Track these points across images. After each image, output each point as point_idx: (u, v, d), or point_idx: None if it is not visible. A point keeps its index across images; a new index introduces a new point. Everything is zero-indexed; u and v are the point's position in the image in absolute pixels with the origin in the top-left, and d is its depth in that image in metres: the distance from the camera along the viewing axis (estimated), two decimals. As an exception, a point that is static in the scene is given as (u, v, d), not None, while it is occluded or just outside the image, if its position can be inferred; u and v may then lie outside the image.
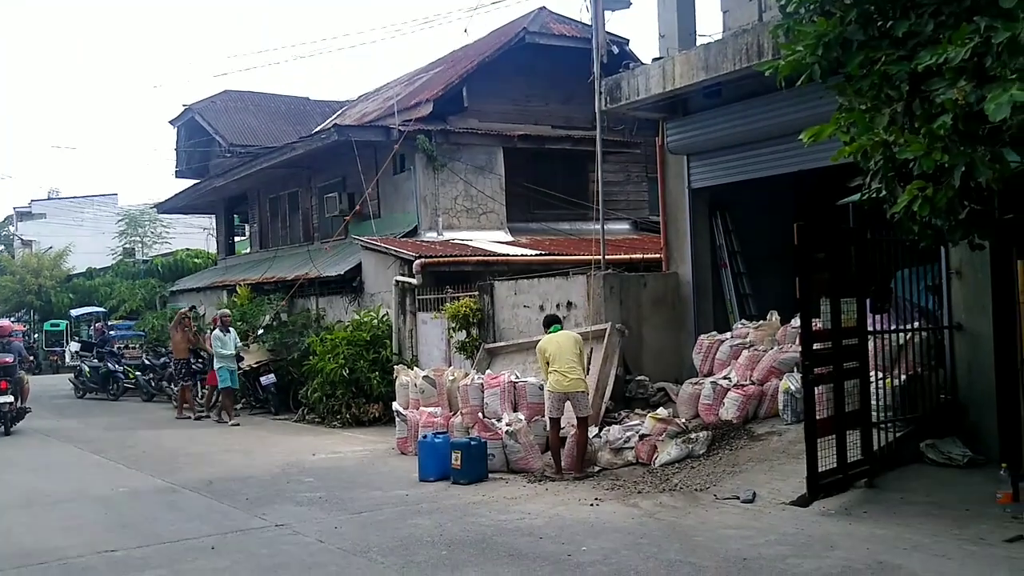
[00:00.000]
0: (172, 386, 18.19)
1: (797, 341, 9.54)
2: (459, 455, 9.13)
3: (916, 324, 8.83)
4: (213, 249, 30.73)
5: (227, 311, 16.54)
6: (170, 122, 27.08)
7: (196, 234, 36.75)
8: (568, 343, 9.36)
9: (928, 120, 4.91)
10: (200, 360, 16.84)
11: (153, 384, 19.54)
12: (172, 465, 10.98)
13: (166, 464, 11.08)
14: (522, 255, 15.77)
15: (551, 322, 9.86)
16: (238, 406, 16.34)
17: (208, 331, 16.70)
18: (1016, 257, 6.79)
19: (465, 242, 16.77)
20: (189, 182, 26.62)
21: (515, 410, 10.46)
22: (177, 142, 27.49)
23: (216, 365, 15.37)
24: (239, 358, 15.73)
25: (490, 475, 9.24)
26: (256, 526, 7.64)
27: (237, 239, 29.11)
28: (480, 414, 10.44)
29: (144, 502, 8.89)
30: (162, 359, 19.68)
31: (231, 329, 15.70)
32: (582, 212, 18.48)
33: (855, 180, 6.40)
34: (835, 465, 7.49)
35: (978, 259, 7.88)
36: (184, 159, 27.56)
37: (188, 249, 31.80)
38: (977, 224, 5.95)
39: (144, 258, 32.96)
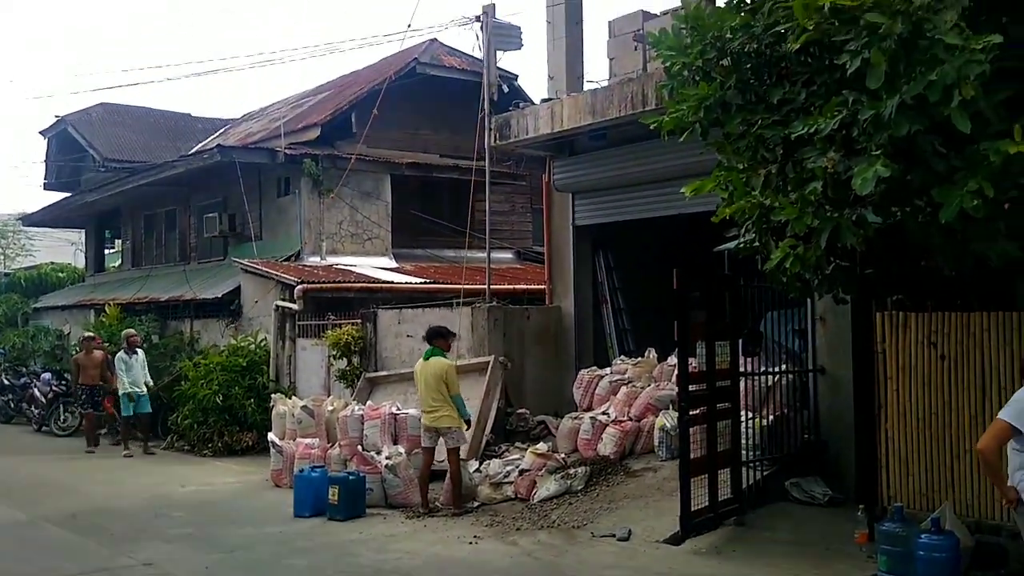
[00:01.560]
0: (33, 408, 17.25)
1: (673, 379, 9.86)
2: (336, 490, 9.01)
3: (784, 366, 9.25)
4: (81, 264, 29.41)
5: (133, 331, 15.27)
6: (40, 133, 25.84)
7: (63, 248, 35.08)
8: (431, 378, 9.31)
9: (800, 185, 5.21)
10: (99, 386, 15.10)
11: (12, 406, 18.49)
12: (31, 496, 10.45)
13: (25, 495, 10.53)
14: (406, 282, 15.74)
15: (431, 338, 9.75)
16: (102, 431, 15.61)
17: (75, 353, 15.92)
18: (875, 309, 7.23)
19: (349, 268, 16.62)
20: (59, 195, 25.45)
21: (395, 443, 10.42)
22: (47, 154, 26.26)
23: (120, 391, 14.13)
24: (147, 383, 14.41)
25: (368, 510, 9.15)
26: (122, 564, 7.36)
27: (108, 251, 27.95)
28: (359, 447, 10.35)
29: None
30: (23, 379, 18.67)
31: (139, 350, 14.52)
32: (467, 240, 18.57)
33: (731, 231, 6.72)
34: (707, 504, 7.75)
35: (840, 307, 8.34)
36: (54, 171, 26.34)
37: (53, 263, 30.29)
38: (842, 279, 6.33)
39: (6, 271, 31.24)
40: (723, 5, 6.28)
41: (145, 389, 14.26)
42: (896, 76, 4.54)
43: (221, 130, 25.49)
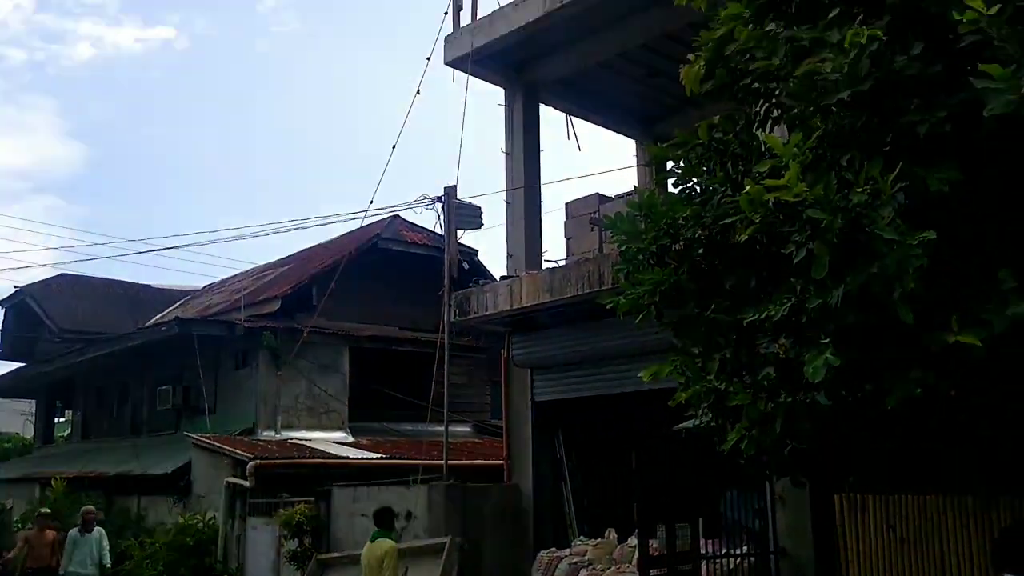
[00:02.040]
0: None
1: (634, 561, 9.64)
2: None
3: (744, 549, 9.12)
4: (30, 434, 28.54)
5: (91, 507, 14.21)
6: (-1, 303, 25.71)
7: (12, 417, 34.13)
8: (373, 560, 9.07)
9: (753, 370, 5.32)
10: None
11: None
12: None
13: None
14: (362, 458, 15.45)
15: (379, 519, 9.48)
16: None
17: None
18: (834, 491, 7.22)
19: (304, 442, 16.33)
20: (11, 365, 25.04)
21: (347, 630, 9.94)
22: (3, 324, 26.00)
23: (60, 571, 13.14)
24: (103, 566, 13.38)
25: None
26: None
27: (58, 420, 27.22)
28: (309, 635, 9.87)
29: None
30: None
31: (96, 529, 13.55)
32: (425, 413, 18.42)
33: (689, 411, 6.76)
34: None
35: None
36: (9, 342, 25.99)
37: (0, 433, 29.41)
38: (799, 462, 6.35)
39: (-52, 442, 30.24)
40: (674, 193, 6.58)
41: (96, 571, 13.29)
42: (840, 267, 4.73)
43: (181, 301, 25.53)
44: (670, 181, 6.81)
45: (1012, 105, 4.16)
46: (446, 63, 13.02)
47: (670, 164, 6.82)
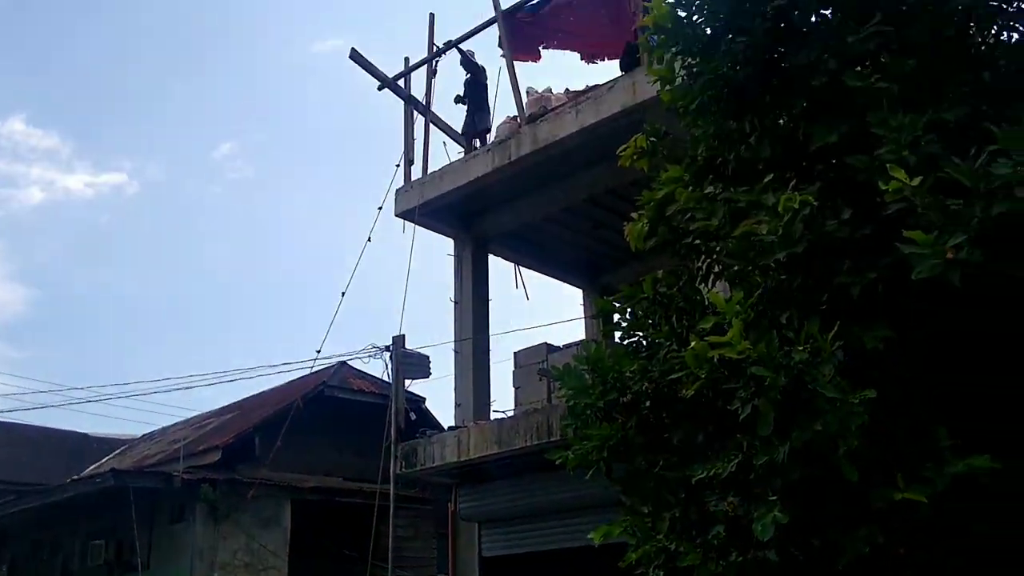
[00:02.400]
0: None
1: None
2: None
3: None
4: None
5: None
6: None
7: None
8: None
9: (703, 529, 5.26)
10: None
11: None
12: None
13: None
14: (302, 619, 14.75)
15: None
16: None
17: None
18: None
19: (241, 603, 15.58)
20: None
21: None
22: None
23: None
24: None
25: None
26: None
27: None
28: None
29: None
30: None
31: None
32: (369, 568, 17.77)
33: (639, 569, 6.62)
34: None
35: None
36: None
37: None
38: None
39: None
40: (621, 346, 6.65)
41: None
42: (785, 424, 4.78)
43: (118, 451, 24.73)
44: (617, 334, 6.91)
45: (937, 269, 4.34)
46: (397, 215, 13.29)
47: (616, 317, 6.93)
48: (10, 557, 21.95)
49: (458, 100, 13.81)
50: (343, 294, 13.53)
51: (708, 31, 6.06)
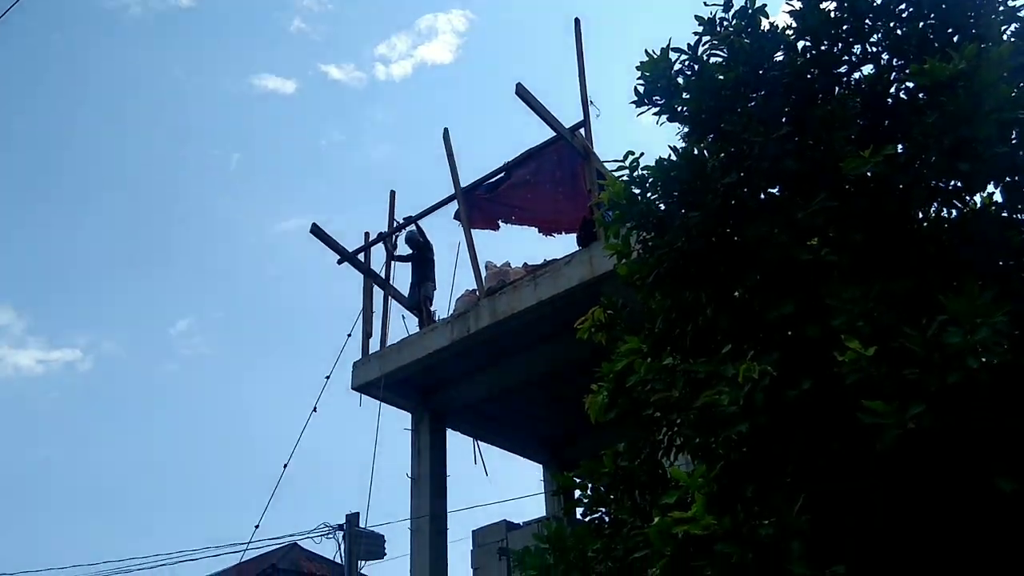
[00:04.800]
0: None
1: None
2: None
3: None
4: None
5: None
6: None
7: None
8: None
9: None
10: None
11: None
12: None
13: None
14: None
15: None
16: None
17: None
18: None
19: None
20: None
21: None
22: None
23: None
24: None
25: None
26: None
27: None
28: None
29: None
30: None
31: None
32: None
33: None
34: None
35: None
36: None
37: None
38: None
39: None
40: (583, 522, 6.44)
41: None
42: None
43: None
44: (579, 510, 6.70)
45: (899, 440, 4.32)
46: (353, 388, 13.11)
47: (577, 492, 6.75)
48: None
49: (399, 259, 14.15)
50: (285, 465, 13.08)
51: (662, 207, 6.22)
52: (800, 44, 6.05)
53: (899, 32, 5.91)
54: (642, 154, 6.25)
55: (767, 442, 5.20)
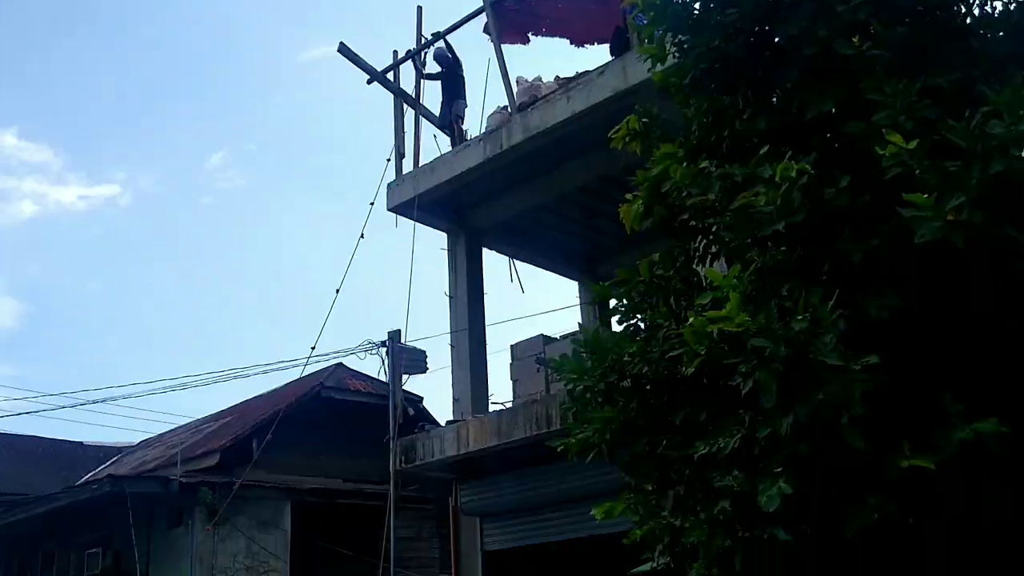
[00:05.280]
0: None
1: None
2: None
3: None
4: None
5: None
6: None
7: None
8: None
9: (708, 505, 5.20)
10: None
11: None
12: None
13: None
14: (305, 620, 14.66)
15: None
16: None
17: None
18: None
19: (242, 606, 15.48)
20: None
21: None
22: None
23: None
24: None
25: None
26: None
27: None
28: None
29: None
30: None
31: None
32: (373, 568, 17.69)
33: (645, 554, 6.55)
34: None
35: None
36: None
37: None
38: (760, 601, 6.14)
39: None
40: (619, 330, 6.58)
41: None
42: (788, 396, 4.72)
43: (114, 458, 24.58)
44: (614, 319, 6.83)
45: (939, 232, 4.30)
46: (389, 209, 13.20)
47: (613, 302, 6.85)
48: (2, 572, 21.80)
49: (428, 77, 13.86)
50: (337, 291, 13.45)
51: (697, 7, 6.01)
52: None
53: None
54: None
55: (804, 242, 5.21)
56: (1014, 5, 5.47)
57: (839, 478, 4.77)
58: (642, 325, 6.47)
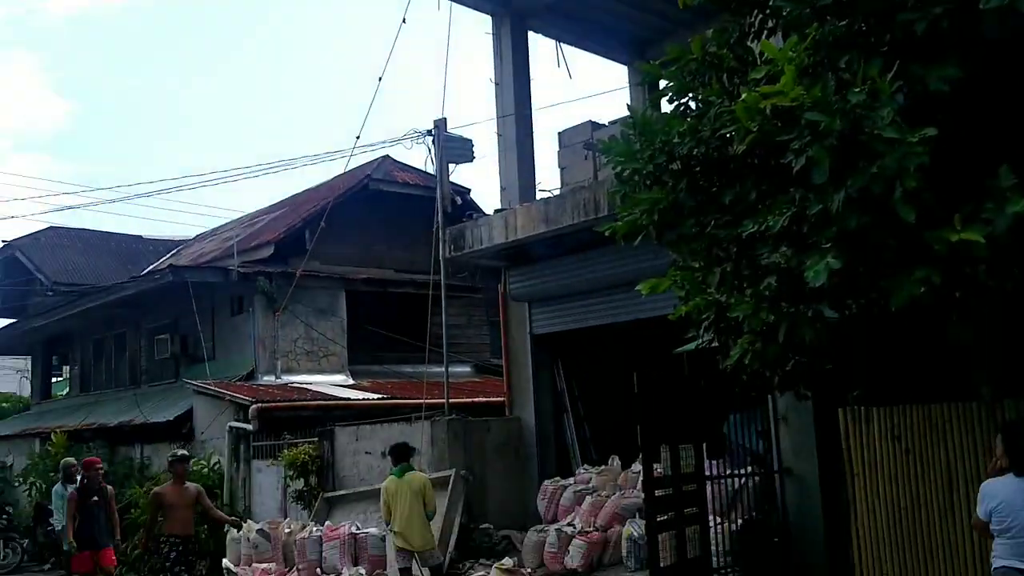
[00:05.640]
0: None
1: (639, 486, 9.71)
2: (295, 617, 8.62)
3: (749, 469, 9.16)
4: (27, 392, 28.59)
5: (72, 460, 14.23)
6: (-15, 259, 25.47)
7: (7, 376, 34.15)
8: (409, 495, 8.98)
9: (755, 281, 5.25)
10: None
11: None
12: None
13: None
14: (364, 399, 15.49)
15: (400, 455, 9.37)
16: (45, 567, 14.99)
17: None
18: (837, 405, 7.22)
19: (305, 386, 16.35)
20: (3, 321, 24.98)
21: (356, 563, 10.05)
22: (-7, 280, 25.83)
23: (58, 527, 13.45)
24: None
25: (329, 637, 8.74)
26: None
27: (55, 380, 27.21)
28: (318, 569, 9.96)
29: None
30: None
31: (78, 478, 13.81)
32: (424, 355, 18.45)
33: (690, 331, 6.71)
34: (679, 614, 7.52)
35: (803, 405, 8.33)
36: (0, 297, 25.89)
37: (-3, 392, 29.42)
38: (802, 376, 6.33)
39: (-55, 403, 30.18)
40: (670, 111, 6.43)
41: None
42: (840, 170, 4.64)
43: (173, 251, 25.37)
44: (664, 100, 6.66)
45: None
46: (430, -10, 12.74)
47: (663, 83, 6.66)
48: (79, 357, 23.12)
49: None
50: (380, 79, 13.24)
51: None
52: None
53: None
54: None
55: (863, 12, 4.96)
56: None
57: (887, 253, 4.76)
58: (693, 105, 6.32)
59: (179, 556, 8.93)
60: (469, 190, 18.79)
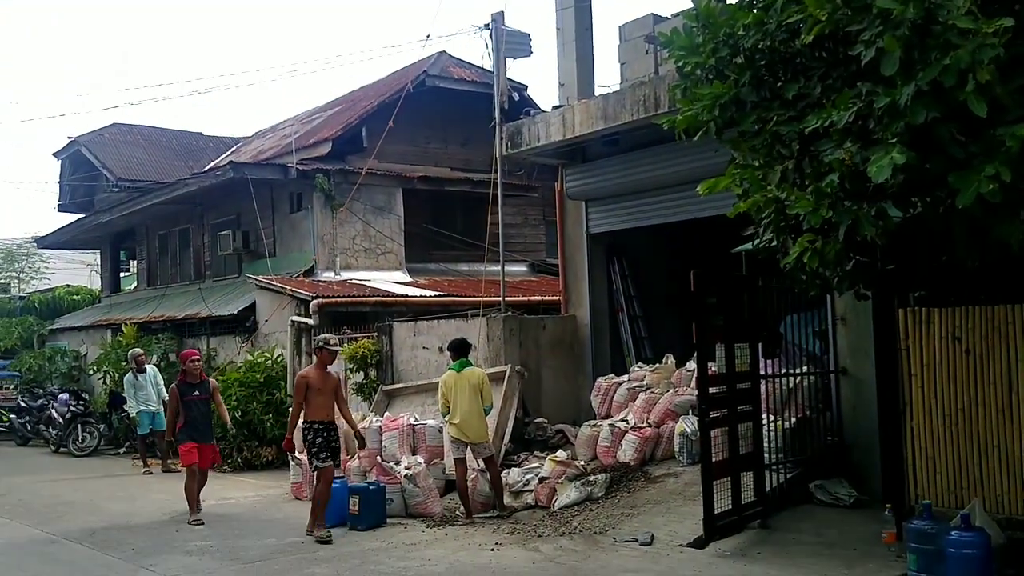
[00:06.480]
0: (50, 429, 17.24)
1: (692, 384, 9.80)
2: (357, 500, 8.98)
3: (804, 368, 9.16)
4: (97, 286, 29.54)
5: (140, 350, 15.29)
6: (54, 154, 25.99)
7: (79, 270, 35.25)
8: (467, 389, 9.22)
9: (817, 178, 5.16)
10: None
11: (29, 428, 18.51)
12: (51, 514, 10.43)
13: (44, 513, 10.52)
14: (421, 296, 15.72)
15: (459, 350, 9.59)
16: (120, 450, 15.84)
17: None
18: (897, 306, 7.15)
19: (363, 282, 16.63)
20: (72, 216, 25.65)
21: (414, 453, 10.38)
22: (61, 175, 26.40)
23: (132, 412, 14.67)
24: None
25: (388, 520, 9.11)
26: (144, 578, 7.34)
27: (123, 275, 28.05)
28: (378, 458, 10.31)
29: (20, 555, 8.40)
30: (39, 400, 18.68)
31: (147, 368, 14.88)
32: (480, 253, 18.50)
33: (748, 230, 6.65)
34: (730, 507, 7.66)
35: (861, 306, 8.26)
36: (68, 193, 26.52)
37: (69, 285, 30.35)
38: (862, 275, 6.26)
39: (21, 294, 31.34)
40: (734, 3, 6.24)
41: (160, 406, 14.21)
42: (911, 63, 4.49)
43: (233, 148, 25.63)
44: (730, -8, 6.45)
45: None
46: None
47: (729, -28, 6.43)
48: (145, 252, 23.72)
49: None
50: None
51: None
52: None
53: None
54: None
55: None
56: None
57: (956, 149, 4.63)
58: (758, -2, 6.12)
59: (324, 442, 8.89)
60: (526, 87, 18.53)
